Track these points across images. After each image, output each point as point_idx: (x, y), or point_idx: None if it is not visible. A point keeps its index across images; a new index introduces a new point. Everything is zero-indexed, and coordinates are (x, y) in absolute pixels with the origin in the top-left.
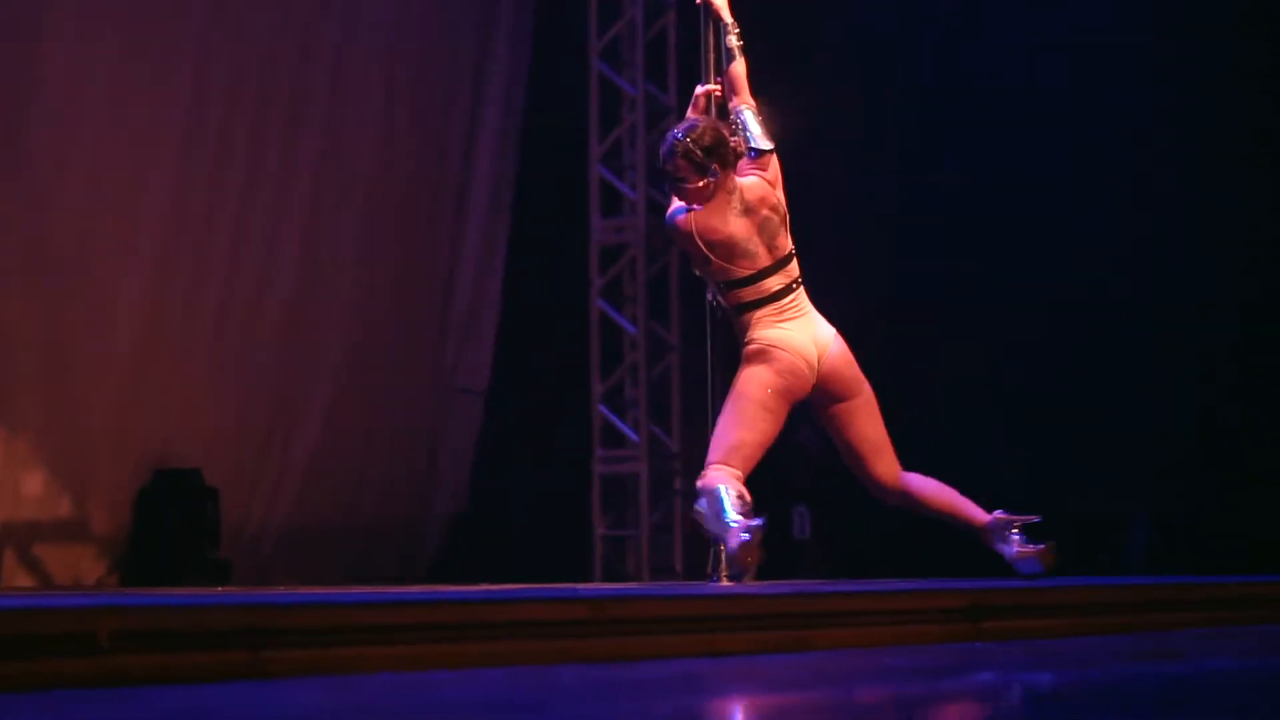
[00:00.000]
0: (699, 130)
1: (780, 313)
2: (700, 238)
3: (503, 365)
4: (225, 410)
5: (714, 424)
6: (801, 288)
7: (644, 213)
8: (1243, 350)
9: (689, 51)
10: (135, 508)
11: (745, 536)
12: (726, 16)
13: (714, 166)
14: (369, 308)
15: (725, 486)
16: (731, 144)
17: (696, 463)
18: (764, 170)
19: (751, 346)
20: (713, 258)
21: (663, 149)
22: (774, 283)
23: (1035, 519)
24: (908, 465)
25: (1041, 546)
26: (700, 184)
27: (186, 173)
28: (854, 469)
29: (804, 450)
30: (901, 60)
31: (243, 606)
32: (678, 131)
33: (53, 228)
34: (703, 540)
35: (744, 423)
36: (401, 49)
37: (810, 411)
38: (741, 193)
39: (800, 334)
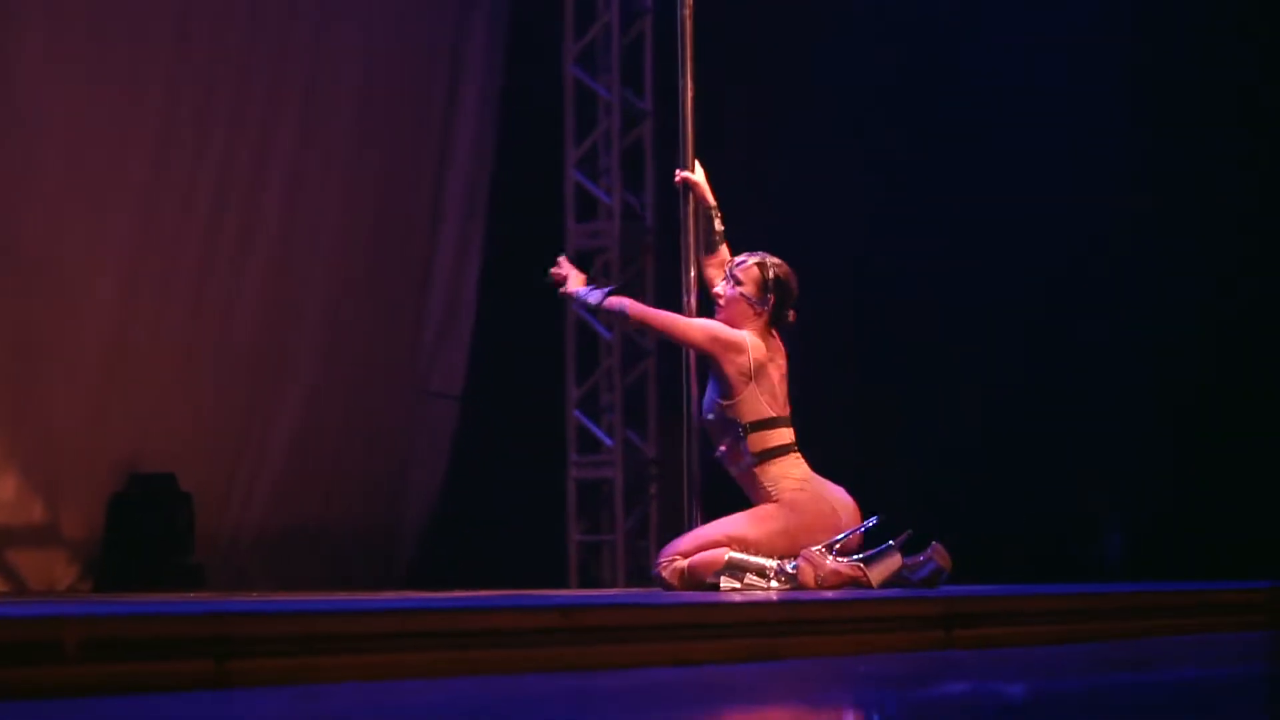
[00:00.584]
0: (781, 264)
1: (800, 466)
2: (753, 354)
3: (478, 369)
4: (199, 414)
5: (689, 428)
6: None
7: (619, 218)
8: (1220, 352)
9: (665, 56)
10: (108, 512)
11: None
12: (710, 199)
13: (771, 299)
14: (343, 311)
15: (728, 552)
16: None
17: (673, 468)
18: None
19: (795, 491)
20: (754, 383)
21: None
22: (790, 434)
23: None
24: (879, 466)
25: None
26: (753, 306)
27: (158, 174)
28: None
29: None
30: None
31: (209, 615)
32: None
33: (22, 229)
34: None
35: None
36: (376, 52)
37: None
38: (779, 341)
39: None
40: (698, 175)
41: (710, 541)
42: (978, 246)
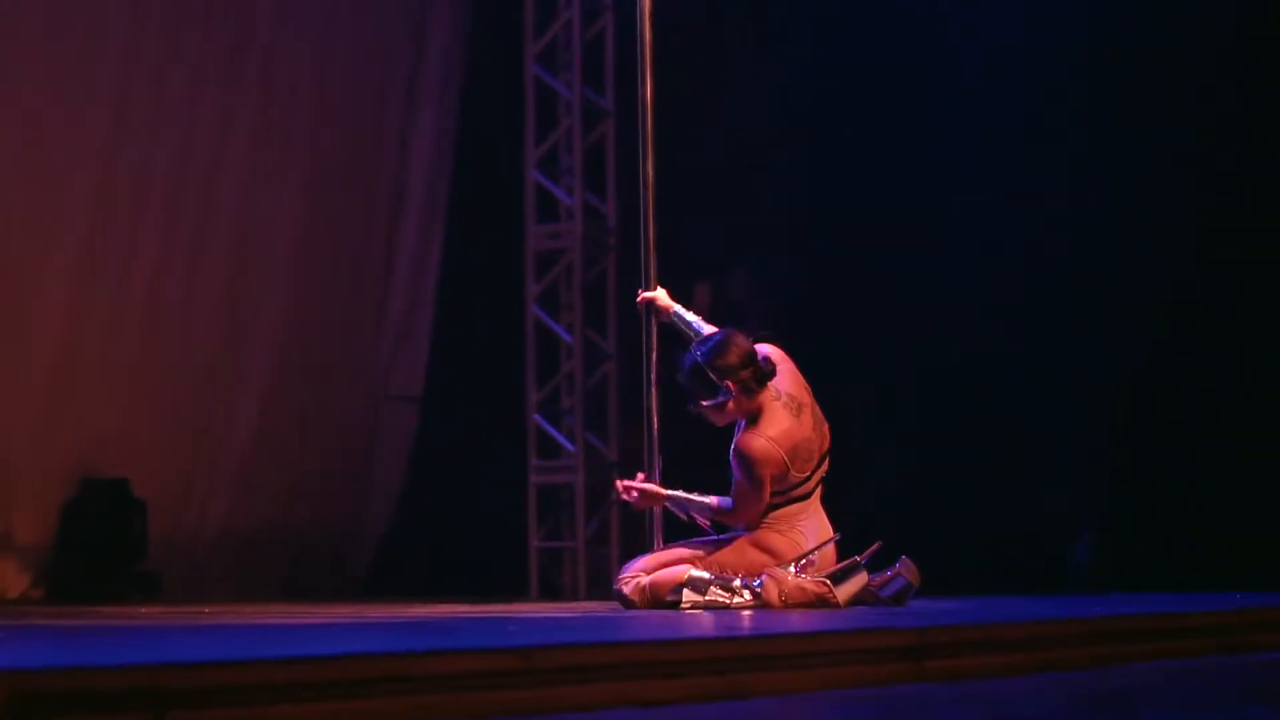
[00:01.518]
0: (706, 351)
1: (803, 511)
2: (786, 454)
3: (438, 372)
4: (153, 417)
5: (650, 432)
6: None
7: (581, 218)
8: (1189, 357)
9: (627, 54)
10: (61, 518)
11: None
12: (673, 308)
13: (728, 384)
14: (302, 313)
15: (690, 569)
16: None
17: (633, 473)
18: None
19: (769, 527)
20: (791, 470)
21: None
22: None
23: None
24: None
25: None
26: (724, 404)
27: (111, 174)
28: None
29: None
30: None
31: (147, 667)
32: (697, 351)
33: None
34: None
35: (706, 560)
36: (334, 50)
37: None
38: (785, 391)
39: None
40: (659, 294)
41: (674, 558)
42: (935, 250)
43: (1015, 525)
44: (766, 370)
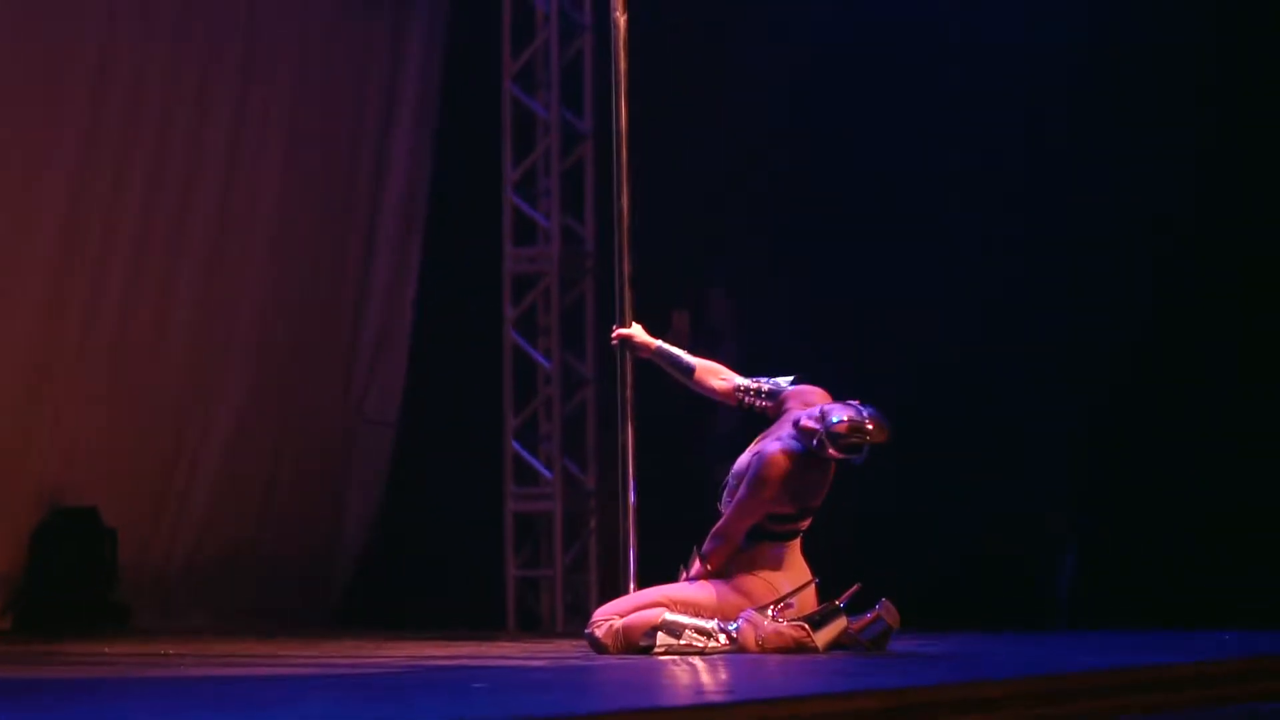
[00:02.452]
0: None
1: (782, 553)
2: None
3: (413, 397)
4: (124, 445)
5: (625, 459)
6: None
7: (558, 242)
8: (1177, 381)
9: (605, 75)
10: (31, 547)
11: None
12: (652, 344)
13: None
14: (274, 336)
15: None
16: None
17: (612, 500)
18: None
19: (748, 575)
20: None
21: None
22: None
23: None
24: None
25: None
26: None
27: (80, 200)
28: None
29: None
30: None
31: None
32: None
33: None
34: (616, 584)
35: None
36: (309, 68)
37: None
38: None
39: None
40: (635, 330)
41: (649, 601)
42: (918, 271)
43: (998, 549)
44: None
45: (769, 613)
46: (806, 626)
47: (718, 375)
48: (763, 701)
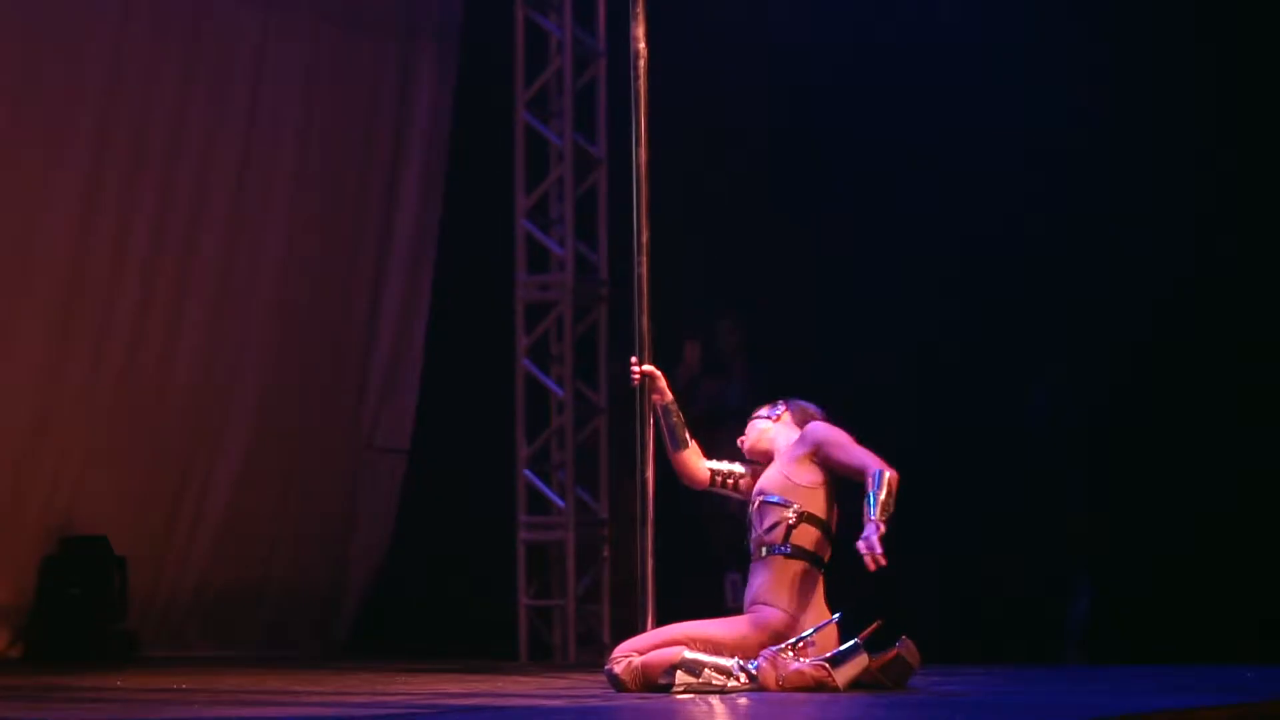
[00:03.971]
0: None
1: (815, 592)
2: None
3: (425, 425)
4: (132, 473)
5: (643, 488)
6: None
7: (572, 269)
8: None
9: (618, 102)
10: (40, 576)
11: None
12: (669, 394)
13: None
14: (285, 363)
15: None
16: None
17: (625, 529)
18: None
19: (779, 615)
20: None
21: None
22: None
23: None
24: None
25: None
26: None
27: (89, 232)
28: None
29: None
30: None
31: None
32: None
33: None
34: (630, 615)
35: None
36: (319, 96)
37: None
38: None
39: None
40: (659, 374)
41: (667, 639)
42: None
43: (1015, 585)
44: None
45: (789, 651)
46: (827, 665)
47: (701, 458)
48: None
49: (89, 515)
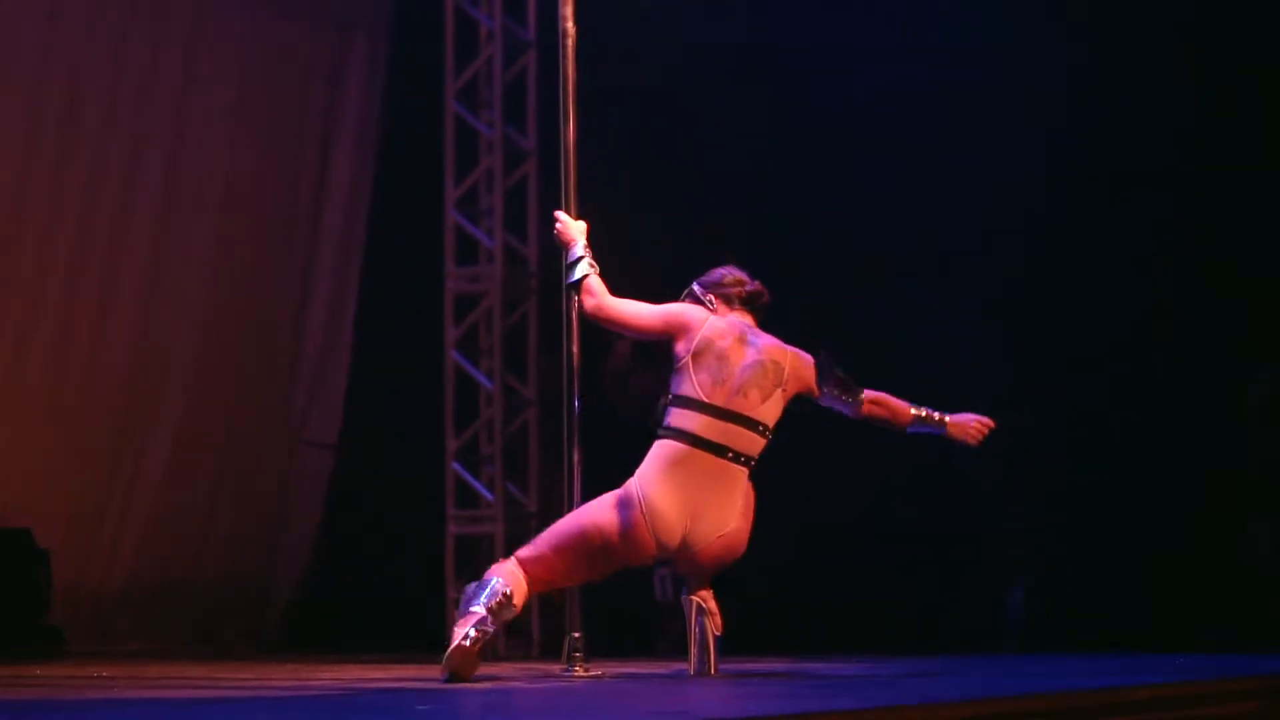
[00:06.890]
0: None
1: (688, 468)
2: (702, 332)
3: (354, 418)
4: (58, 464)
5: (571, 484)
6: (745, 469)
7: (501, 261)
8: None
9: (549, 92)
10: None
11: (465, 641)
12: (583, 241)
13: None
14: (213, 355)
15: (499, 580)
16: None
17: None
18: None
19: (627, 490)
20: (692, 360)
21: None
22: (715, 428)
23: None
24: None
25: None
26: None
27: (15, 220)
28: None
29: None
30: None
31: None
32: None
33: None
34: (558, 609)
35: (567, 554)
36: (249, 84)
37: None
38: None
39: (680, 504)
40: (580, 224)
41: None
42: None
43: (952, 577)
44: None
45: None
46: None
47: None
48: None
49: (12, 507)
